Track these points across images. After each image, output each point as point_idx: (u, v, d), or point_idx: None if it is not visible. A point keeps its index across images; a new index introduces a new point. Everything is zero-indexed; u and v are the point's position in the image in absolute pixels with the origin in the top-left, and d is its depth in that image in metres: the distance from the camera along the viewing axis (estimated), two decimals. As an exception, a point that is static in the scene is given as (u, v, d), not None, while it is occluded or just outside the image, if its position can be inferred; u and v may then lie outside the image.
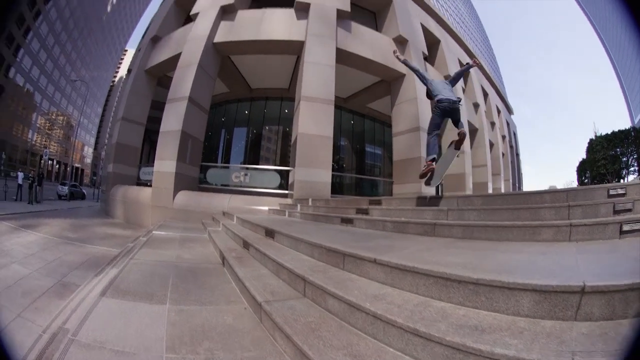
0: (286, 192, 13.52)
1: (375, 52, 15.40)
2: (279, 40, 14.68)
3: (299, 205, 10.23)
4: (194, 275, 4.91)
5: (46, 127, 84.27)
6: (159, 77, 19.17)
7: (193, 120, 14.27)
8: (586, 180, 52.75)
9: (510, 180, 37.06)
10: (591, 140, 52.55)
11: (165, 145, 13.91)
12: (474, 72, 25.63)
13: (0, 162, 52.75)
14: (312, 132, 12.77)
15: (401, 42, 16.30)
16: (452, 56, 21.24)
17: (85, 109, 33.59)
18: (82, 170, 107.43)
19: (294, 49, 14.90)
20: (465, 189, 18.81)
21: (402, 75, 16.00)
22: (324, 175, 12.59)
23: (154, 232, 8.91)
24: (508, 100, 43.16)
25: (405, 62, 7.75)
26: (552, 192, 5.03)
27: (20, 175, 24.13)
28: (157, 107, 18.59)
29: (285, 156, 19.52)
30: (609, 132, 50.01)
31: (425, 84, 7.00)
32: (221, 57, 15.95)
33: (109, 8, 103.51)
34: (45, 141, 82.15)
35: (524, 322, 2.08)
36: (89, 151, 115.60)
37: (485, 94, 29.32)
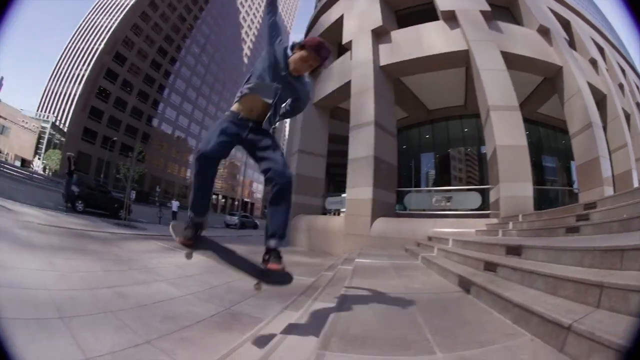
0: (485, 212, 12.83)
1: (528, 48, 14.64)
2: (442, 54, 14.51)
3: (510, 223, 9.41)
4: (443, 308, 3.88)
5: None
6: (330, 109, 19.90)
7: (383, 144, 14.29)
8: None
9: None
10: None
11: (357, 172, 14.09)
12: (608, 51, 21.81)
13: (156, 193, 60.06)
14: (507, 142, 12.00)
15: (544, 31, 15.24)
16: (585, 36, 19.09)
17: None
18: (253, 204, 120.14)
19: (460, 60, 14.57)
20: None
21: (560, 68, 14.64)
22: (526, 189, 11.56)
23: (356, 260, 8.38)
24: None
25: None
26: None
27: (175, 203, 26.77)
28: (332, 140, 20.02)
29: (474, 176, 19.56)
30: None
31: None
32: (392, 80, 16.00)
33: (245, 60, 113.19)
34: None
35: None
36: (258, 187, 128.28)
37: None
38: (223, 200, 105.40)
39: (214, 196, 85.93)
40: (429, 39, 15.03)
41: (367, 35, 15.85)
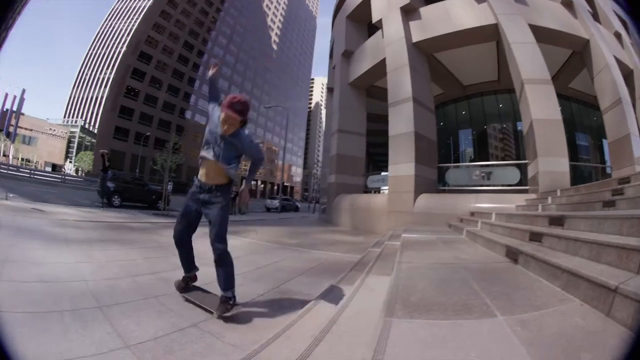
0: (524, 187, 12.83)
1: (555, 21, 14.45)
2: (472, 29, 14.50)
3: (549, 198, 9.40)
4: (495, 277, 4.03)
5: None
6: (366, 88, 20.08)
7: (422, 120, 14.42)
8: None
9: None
10: None
11: (398, 148, 14.29)
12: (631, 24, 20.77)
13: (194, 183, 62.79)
14: (543, 116, 11.90)
15: (568, 4, 14.97)
16: (608, 9, 18.16)
17: (287, 135, 37.43)
18: (292, 187, 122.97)
19: (489, 35, 14.51)
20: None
21: (587, 41, 14.32)
22: (562, 164, 11.48)
23: (403, 235, 8.48)
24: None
25: None
26: None
27: None
28: (370, 120, 20.34)
29: (510, 152, 19.64)
30: None
31: None
32: (425, 56, 16.07)
33: (275, 47, 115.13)
34: (245, 166, 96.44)
35: None
36: (297, 171, 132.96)
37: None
38: (262, 185, 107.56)
39: (253, 182, 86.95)
40: (457, 14, 14.91)
41: (397, 13, 15.91)
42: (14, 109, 69.22)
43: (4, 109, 74.80)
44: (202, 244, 4.64)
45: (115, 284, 5.03)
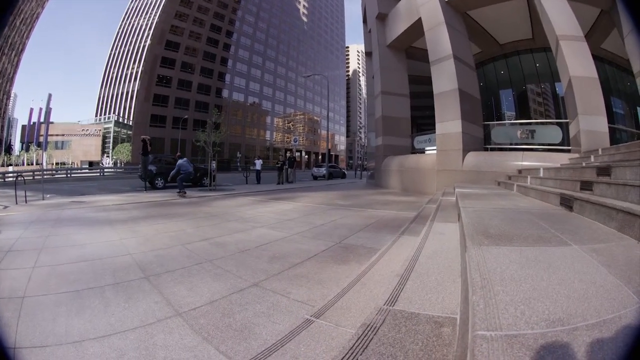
0: (566, 147, 12.72)
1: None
2: None
3: (592, 156, 9.39)
4: (556, 219, 4.29)
5: (285, 126, 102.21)
6: (405, 49, 20.02)
7: (465, 77, 14.47)
8: None
9: None
10: None
11: (444, 106, 14.39)
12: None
13: (237, 159, 66.80)
14: (580, 73, 11.71)
15: None
16: None
17: (328, 104, 37.24)
18: (337, 156, 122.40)
19: None
20: None
21: None
22: (602, 123, 11.37)
23: (457, 190, 8.82)
24: None
25: None
26: None
27: (258, 162, 27.15)
28: (410, 82, 20.09)
29: (551, 113, 19.17)
30: None
31: None
32: (460, 14, 15.95)
33: (304, 18, 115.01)
34: (287, 137, 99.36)
35: None
36: (340, 139, 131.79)
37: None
38: (306, 156, 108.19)
39: (297, 154, 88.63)
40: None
41: (426, -28, 15.87)
42: (42, 120, 71.31)
43: (32, 123, 77.56)
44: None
45: (165, 254, 5.24)
